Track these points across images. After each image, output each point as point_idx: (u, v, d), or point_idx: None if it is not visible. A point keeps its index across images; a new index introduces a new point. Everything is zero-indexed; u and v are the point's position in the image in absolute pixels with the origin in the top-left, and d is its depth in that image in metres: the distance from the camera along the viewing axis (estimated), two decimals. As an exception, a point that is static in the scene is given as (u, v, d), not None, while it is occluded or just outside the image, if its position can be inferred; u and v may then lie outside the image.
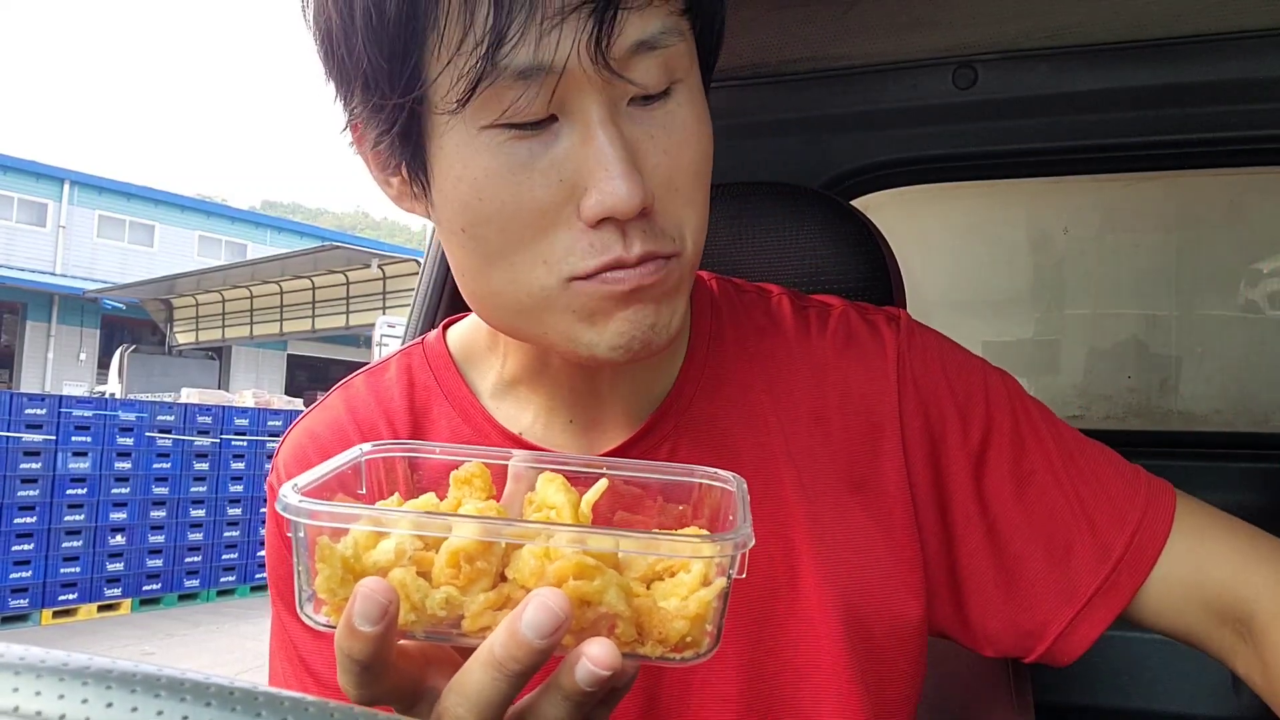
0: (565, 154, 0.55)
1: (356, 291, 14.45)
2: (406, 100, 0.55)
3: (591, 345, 0.59)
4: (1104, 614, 0.69)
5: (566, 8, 0.52)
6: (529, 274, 0.57)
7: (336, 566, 0.43)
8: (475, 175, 0.56)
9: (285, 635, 0.71)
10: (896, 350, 0.73)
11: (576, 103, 0.54)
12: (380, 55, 0.54)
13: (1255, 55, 1.20)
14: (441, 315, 1.28)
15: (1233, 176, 1.57)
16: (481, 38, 0.52)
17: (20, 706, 0.26)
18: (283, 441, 0.75)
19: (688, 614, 0.43)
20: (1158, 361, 1.64)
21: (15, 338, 19.44)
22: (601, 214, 0.55)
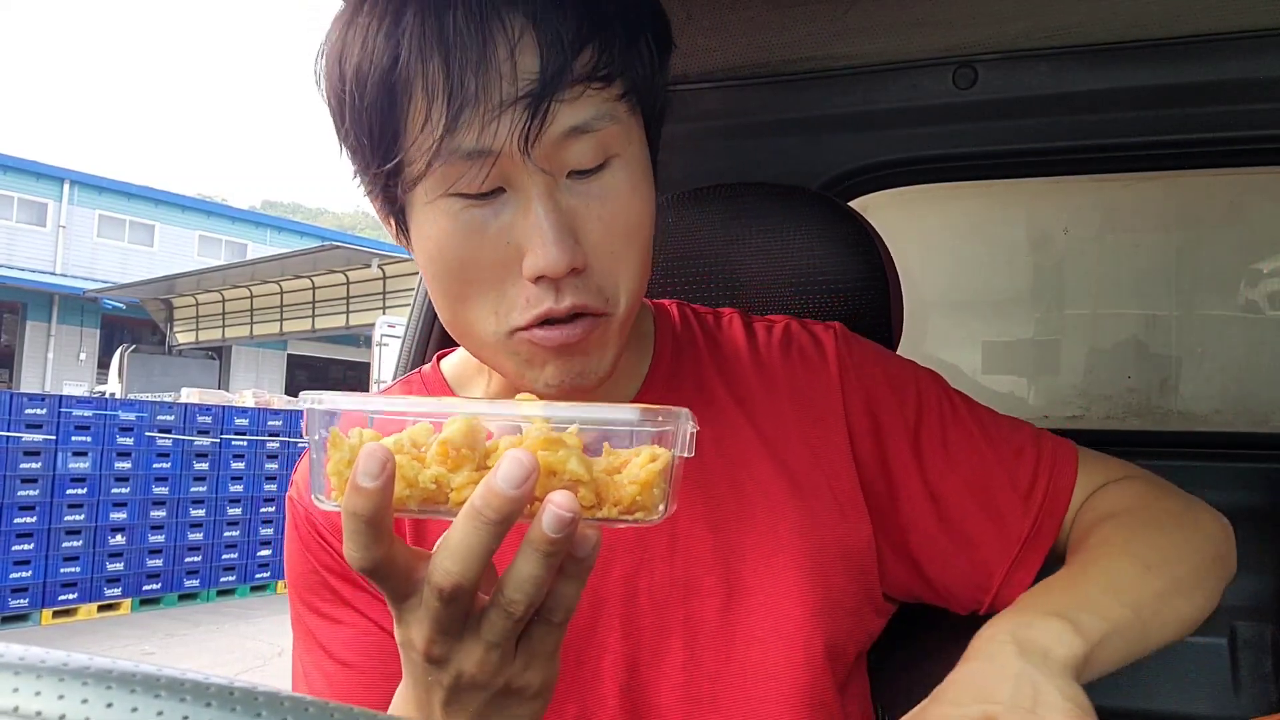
0: (510, 221, 0.65)
1: (357, 291, 14.45)
2: (384, 168, 0.65)
3: (532, 381, 0.70)
4: (1036, 555, 0.80)
5: (504, 102, 0.62)
6: (482, 321, 0.68)
7: (345, 451, 0.51)
8: (438, 235, 0.66)
9: (305, 628, 0.80)
10: (835, 351, 0.84)
11: (518, 178, 0.64)
12: (363, 132, 0.65)
13: (1255, 55, 1.20)
14: (441, 315, 1.28)
15: (1233, 176, 1.57)
16: (437, 124, 0.62)
17: (20, 707, 0.26)
18: (300, 461, 0.84)
19: (638, 480, 0.51)
20: (1158, 361, 1.64)
21: (15, 337, 19.44)
22: (536, 274, 0.65)
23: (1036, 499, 0.80)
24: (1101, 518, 0.78)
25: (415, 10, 0.62)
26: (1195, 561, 0.75)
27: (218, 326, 16.71)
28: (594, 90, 0.64)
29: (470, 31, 0.61)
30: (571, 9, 0.63)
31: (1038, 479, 0.81)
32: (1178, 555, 0.74)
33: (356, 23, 0.65)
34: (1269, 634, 1.33)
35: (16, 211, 20.13)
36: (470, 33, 0.61)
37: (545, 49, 0.62)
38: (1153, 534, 0.75)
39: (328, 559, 0.78)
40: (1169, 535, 0.76)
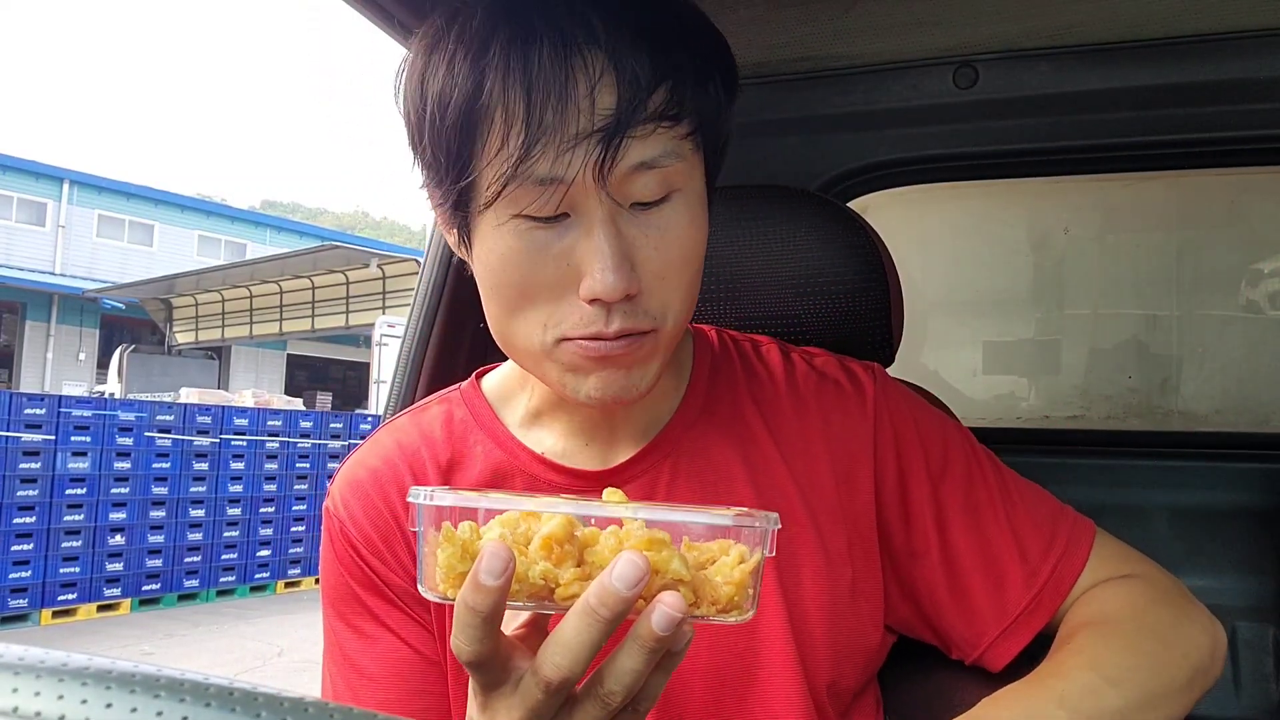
0: (571, 245, 0.69)
1: (356, 291, 14.44)
2: (457, 186, 0.70)
3: (575, 391, 0.74)
4: (1028, 630, 0.82)
5: (579, 135, 0.66)
6: (532, 330, 0.72)
7: (457, 546, 0.54)
8: (502, 251, 0.70)
9: (336, 639, 0.82)
10: (873, 394, 0.86)
11: (583, 206, 0.68)
12: (439, 151, 0.70)
13: (1256, 55, 1.20)
14: (441, 315, 1.27)
15: (1233, 176, 1.57)
16: (513, 151, 0.66)
17: (20, 707, 0.26)
18: (338, 472, 0.87)
19: (733, 580, 0.54)
20: (1158, 361, 1.64)
21: (14, 337, 19.43)
22: (592, 296, 0.69)
23: (1041, 577, 0.82)
24: (1085, 623, 0.79)
25: (501, 43, 0.67)
26: (1169, 676, 0.75)
27: (217, 326, 16.69)
28: (664, 129, 0.68)
29: (552, 67, 0.66)
30: (648, 51, 0.67)
31: (1047, 557, 0.83)
32: (1151, 670, 0.74)
33: (442, 47, 0.69)
34: (1269, 634, 1.33)
35: (16, 211, 20.12)
36: (552, 68, 0.65)
37: (622, 88, 0.66)
38: (1129, 647, 0.75)
39: (362, 574, 0.81)
40: (1147, 649, 0.76)
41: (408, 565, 0.80)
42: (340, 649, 0.81)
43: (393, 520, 0.81)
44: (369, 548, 0.81)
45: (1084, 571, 0.82)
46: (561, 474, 0.82)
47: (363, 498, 0.83)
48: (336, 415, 9.27)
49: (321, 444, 8.64)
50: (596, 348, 0.70)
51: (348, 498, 0.84)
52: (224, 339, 17.13)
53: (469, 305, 1.31)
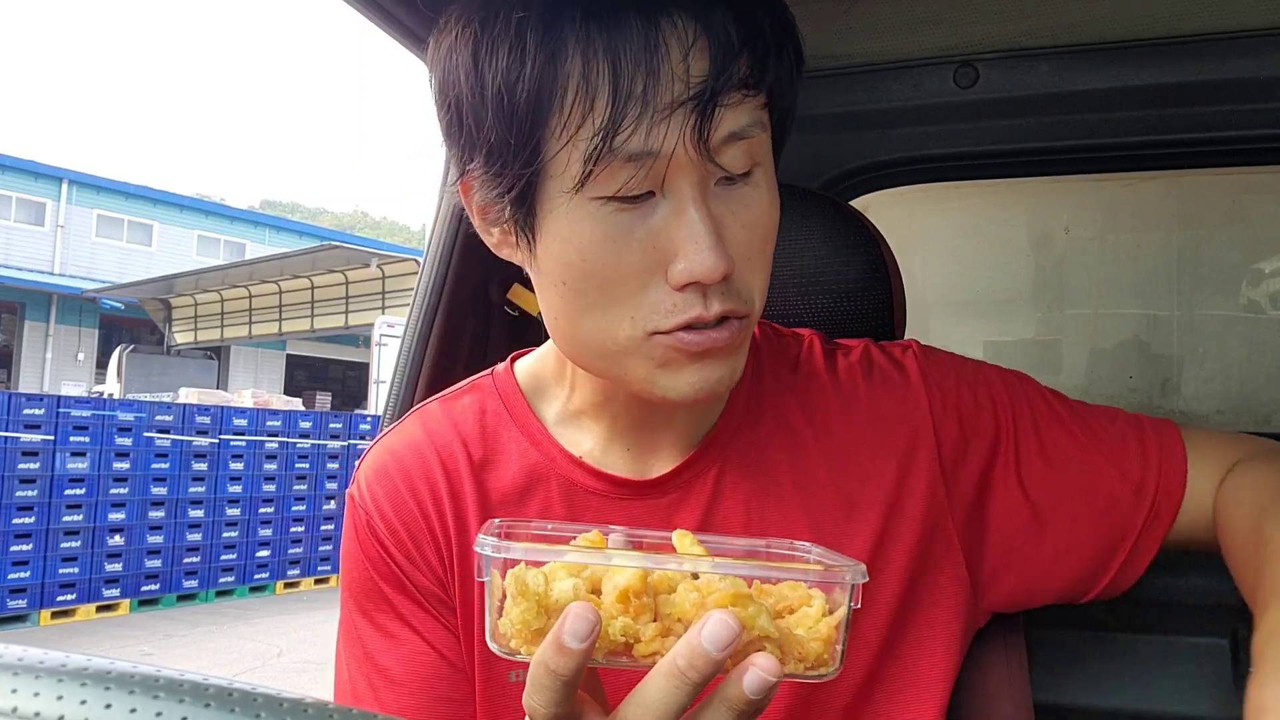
0: (660, 226, 0.64)
1: (355, 291, 14.44)
2: (526, 171, 0.64)
3: (666, 389, 0.68)
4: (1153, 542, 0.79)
5: (674, 103, 0.61)
6: (617, 325, 0.66)
7: (532, 600, 0.51)
8: (581, 239, 0.65)
9: (356, 634, 0.78)
10: (920, 371, 0.82)
11: (673, 182, 0.63)
12: (507, 131, 0.63)
13: (1256, 54, 1.20)
14: (441, 315, 1.27)
15: (1234, 176, 1.57)
16: (600, 125, 0.61)
17: (19, 707, 0.26)
18: (364, 458, 0.82)
19: (820, 636, 0.52)
20: (1159, 361, 1.64)
21: (13, 337, 19.43)
22: (689, 280, 0.64)
23: (1150, 487, 0.79)
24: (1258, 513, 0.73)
25: (577, 10, 0.62)
26: None
27: (216, 326, 16.69)
28: (750, 97, 0.64)
29: (640, 33, 0.61)
30: (732, 16, 0.63)
31: (1147, 466, 0.80)
32: None
33: (499, 22, 0.63)
34: (1270, 634, 1.33)
35: (15, 211, 20.12)
36: (642, 33, 0.61)
37: (715, 52, 0.62)
38: None
39: (389, 571, 0.77)
40: None
41: (435, 566, 0.76)
42: (361, 645, 0.77)
43: (422, 519, 0.77)
44: (396, 545, 0.76)
45: (1189, 469, 0.79)
46: (600, 480, 0.77)
47: (390, 491, 0.78)
48: (336, 415, 9.27)
49: (321, 444, 8.64)
50: (697, 341, 0.66)
51: (374, 488, 0.79)
52: (223, 339, 17.13)
53: (469, 305, 1.31)
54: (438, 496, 0.77)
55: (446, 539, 0.76)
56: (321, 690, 0.82)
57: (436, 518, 0.76)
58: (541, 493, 0.77)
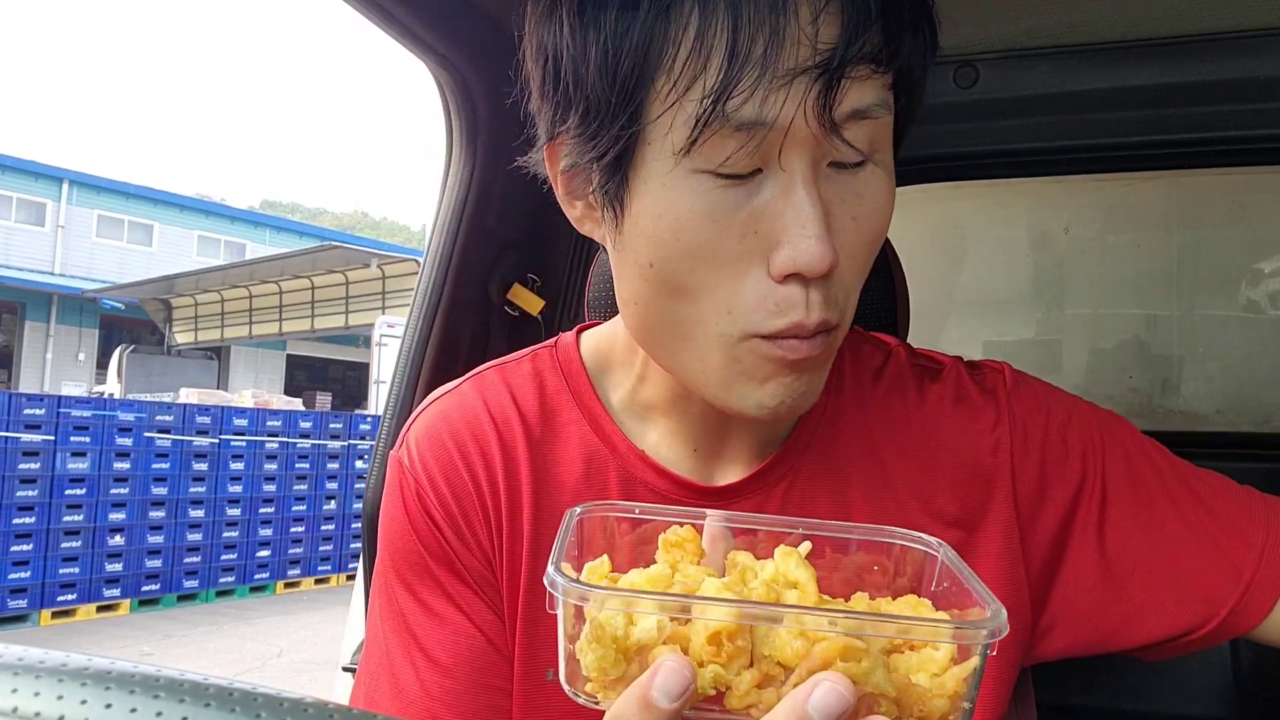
0: (765, 206, 0.58)
1: (356, 291, 14.45)
2: (625, 133, 0.58)
3: (742, 399, 0.62)
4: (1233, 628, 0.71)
5: (796, 70, 0.55)
6: (711, 317, 0.60)
7: (610, 647, 0.44)
8: (677, 214, 0.58)
9: (398, 609, 0.71)
10: (1008, 404, 0.75)
11: (785, 159, 0.57)
12: (609, 88, 0.58)
13: (1256, 55, 1.20)
14: (441, 315, 1.27)
15: (1234, 176, 1.57)
16: (712, 88, 0.55)
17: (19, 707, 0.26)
18: (413, 421, 0.75)
19: (946, 692, 0.44)
20: (1159, 361, 1.64)
21: (14, 338, 19.43)
22: (791, 270, 0.57)
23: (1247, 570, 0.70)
24: None
25: None
26: None
27: (216, 326, 16.69)
28: (877, 74, 0.58)
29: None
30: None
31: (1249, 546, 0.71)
32: None
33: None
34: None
35: (15, 211, 20.12)
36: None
37: (847, 17, 0.56)
38: None
39: (436, 544, 0.70)
40: None
41: (484, 544, 0.70)
42: (404, 621, 0.70)
43: (474, 493, 0.70)
44: (446, 518, 0.70)
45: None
46: (663, 478, 0.71)
47: (443, 458, 0.71)
48: (336, 415, 9.27)
49: (321, 444, 8.64)
50: (793, 348, 0.59)
51: (425, 454, 0.72)
52: (223, 339, 17.13)
53: (469, 305, 1.31)
54: (492, 471, 0.71)
55: (498, 517, 0.70)
56: (322, 690, 0.81)
57: (490, 493, 0.70)
58: (599, 482, 0.71)
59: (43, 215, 20.71)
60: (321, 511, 8.62)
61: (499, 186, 1.31)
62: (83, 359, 19.74)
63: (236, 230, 24.33)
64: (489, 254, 1.33)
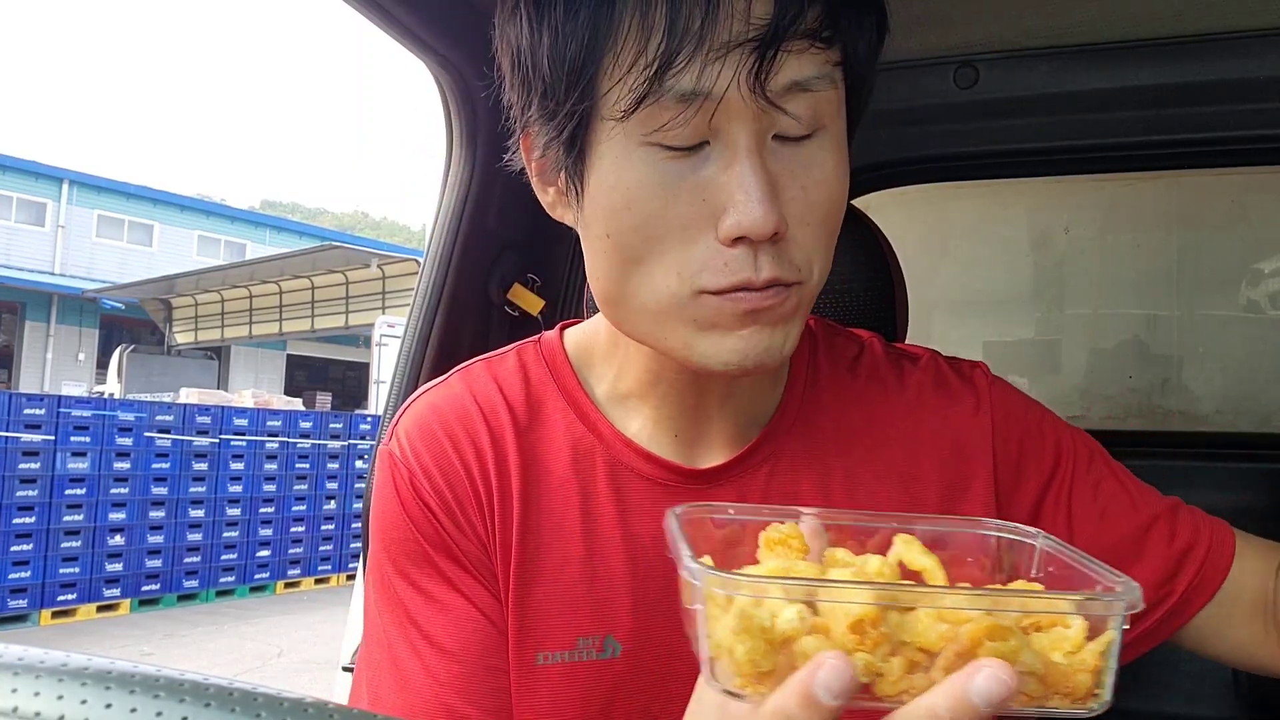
0: (710, 177, 0.61)
1: (356, 291, 14.45)
2: (578, 109, 0.62)
3: (704, 355, 0.65)
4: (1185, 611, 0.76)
5: (731, 43, 0.58)
6: (663, 281, 0.63)
7: (759, 638, 0.44)
8: (628, 185, 0.62)
9: (397, 600, 0.72)
10: (989, 392, 0.79)
11: (727, 131, 0.61)
12: (560, 68, 0.62)
13: (1256, 55, 1.20)
14: (441, 315, 1.27)
15: (1234, 176, 1.57)
16: (651, 60, 0.59)
17: (19, 707, 0.26)
18: (402, 414, 0.77)
19: (1087, 667, 0.45)
20: (1159, 361, 1.64)
21: (14, 337, 19.43)
22: (737, 234, 0.60)
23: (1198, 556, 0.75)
24: None
25: None
26: None
27: (217, 326, 16.69)
28: (817, 49, 0.61)
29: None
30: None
31: (1199, 533, 0.76)
32: None
33: None
34: (1270, 634, 1.33)
35: (15, 211, 20.13)
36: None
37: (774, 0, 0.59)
38: None
39: (433, 531, 0.71)
40: None
41: (479, 529, 0.71)
42: (405, 612, 0.71)
43: (466, 478, 0.72)
44: (441, 504, 0.71)
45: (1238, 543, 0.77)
46: (649, 463, 0.73)
47: (434, 447, 0.73)
48: (336, 415, 9.27)
49: (321, 444, 8.64)
50: (745, 297, 0.62)
51: (416, 444, 0.74)
52: (223, 339, 17.14)
53: (469, 305, 1.31)
54: (483, 457, 0.72)
55: (490, 502, 0.72)
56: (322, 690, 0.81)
57: (480, 478, 0.72)
58: (586, 468, 0.73)
59: (43, 215, 20.71)
60: (321, 511, 8.62)
61: (499, 186, 1.31)
62: (83, 359, 19.74)
63: (236, 230, 24.33)
64: (489, 254, 1.33)
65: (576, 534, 0.71)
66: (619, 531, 0.71)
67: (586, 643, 0.69)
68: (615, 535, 0.71)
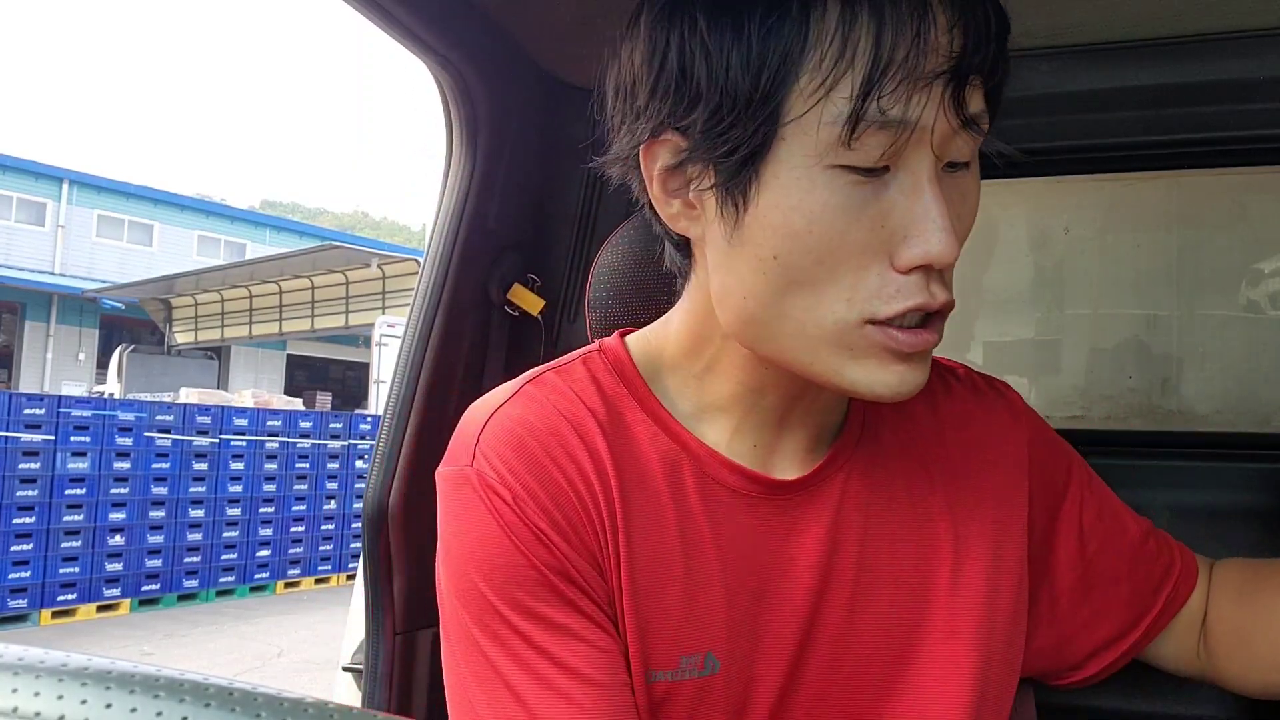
0: (892, 203, 0.61)
1: (356, 291, 14.44)
2: (763, 129, 0.60)
3: (856, 382, 0.64)
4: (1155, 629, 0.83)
5: (934, 72, 0.59)
6: (829, 307, 0.62)
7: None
8: (811, 208, 0.60)
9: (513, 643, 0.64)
10: (1021, 406, 0.83)
11: (912, 158, 0.60)
12: (751, 85, 0.60)
13: (1256, 55, 1.20)
14: (441, 315, 1.27)
15: (1235, 176, 1.57)
16: (859, 87, 0.58)
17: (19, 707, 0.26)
18: (483, 433, 0.69)
19: None
20: (1159, 361, 1.64)
21: (14, 337, 19.43)
22: (922, 262, 0.60)
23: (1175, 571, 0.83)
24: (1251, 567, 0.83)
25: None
26: None
27: (217, 326, 16.69)
28: (980, 84, 0.63)
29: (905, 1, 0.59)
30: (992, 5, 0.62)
31: (1173, 550, 0.84)
32: None
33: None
34: (1270, 634, 1.33)
35: (15, 211, 20.12)
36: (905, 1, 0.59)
37: (971, 29, 0.60)
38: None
39: (549, 555, 0.65)
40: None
41: (591, 547, 0.66)
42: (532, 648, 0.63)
43: (574, 496, 0.67)
44: (553, 526, 0.65)
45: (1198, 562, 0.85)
46: (735, 474, 0.70)
47: (534, 465, 0.66)
48: (336, 415, 9.27)
49: (321, 444, 8.64)
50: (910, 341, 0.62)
51: (514, 463, 0.66)
52: (223, 339, 17.13)
53: (469, 305, 1.31)
54: (584, 472, 0.67)
55: (598, 518, 0.67)
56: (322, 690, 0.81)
57: (588, 495, 0.67)
58: (677, 481, 0.70)
59: (43, 215, 20.70)
60: (321, 511, 8.62)
61: (499, 186, 1.31)
62: (83, 359, 19.73)
63: (236, 230, 24.32)
64: (489, 254, 1.33)
65: (676, 549, 0.68)
66: (712, 545, 0.69)
67: (689, 661, 0.67)
68: (710, 549, 0.69)
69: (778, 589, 0.69)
